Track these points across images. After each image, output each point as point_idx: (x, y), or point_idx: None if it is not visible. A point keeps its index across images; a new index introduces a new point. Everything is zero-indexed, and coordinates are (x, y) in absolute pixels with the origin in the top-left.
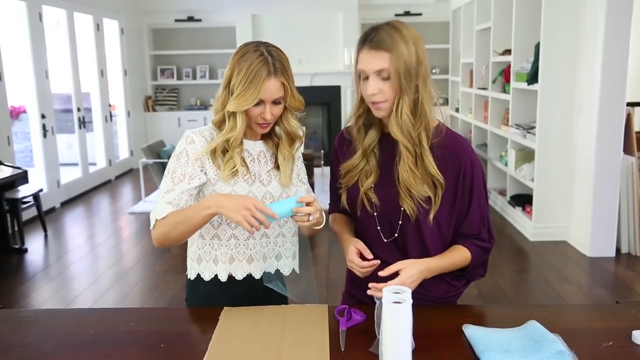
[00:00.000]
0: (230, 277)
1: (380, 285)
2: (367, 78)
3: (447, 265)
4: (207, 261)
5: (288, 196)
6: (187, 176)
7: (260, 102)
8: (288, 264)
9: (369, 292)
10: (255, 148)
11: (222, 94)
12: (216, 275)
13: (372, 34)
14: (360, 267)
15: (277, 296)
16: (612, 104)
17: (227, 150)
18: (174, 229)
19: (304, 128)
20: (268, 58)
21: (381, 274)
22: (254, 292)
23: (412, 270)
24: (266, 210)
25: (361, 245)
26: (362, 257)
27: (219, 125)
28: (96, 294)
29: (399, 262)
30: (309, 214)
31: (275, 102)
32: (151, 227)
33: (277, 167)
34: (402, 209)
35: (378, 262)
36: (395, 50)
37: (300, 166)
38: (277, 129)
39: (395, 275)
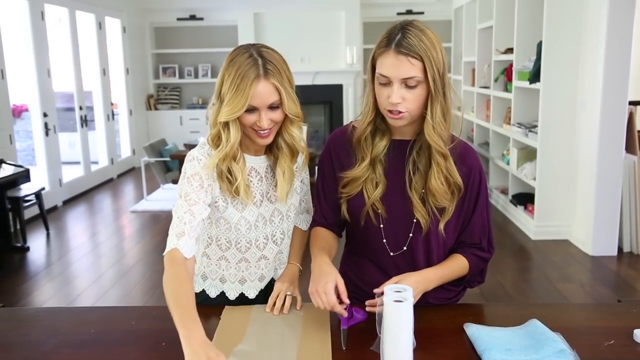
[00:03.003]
0: (240, 295)
1: (374, 301)
2: (388, 84)
3: (446, 275)
4: (214, 279)
5: (295, 207)
6: (200, 201)
7: (254, 109)
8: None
9: (367, 309)
10: (262, 163)
11: (216, 105)
12: (223, 292)
13: (399, 36)
14: (328, 304)
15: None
16: (615, 103)
17: (231, 177)
18: (166, 300)
19: (304, 138)
20: (258, 60)
21: (376, 291)
22: (254, 303)
23: (406, 282)
24: None
25: (342, 287)
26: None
27: (215, 141)
28: (98, 293)
29: (393, 278)
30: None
31: (272, 107)
32: (165, 252)
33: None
34: (415, 220)
35: (346, 313)
36: (428, 57)
37: (305, 190)
38: (278, 140)
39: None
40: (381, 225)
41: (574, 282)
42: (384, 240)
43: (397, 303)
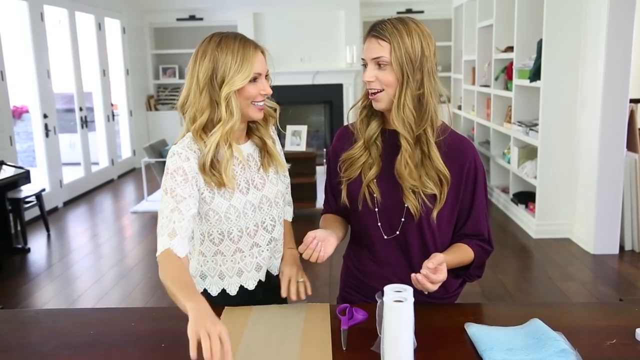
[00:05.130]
0: (240, 288)
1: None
2: (365, 66)
3: (456, 263)
4: (213, 277)
5: (282, 194)
6: (186, 196)
7: (255, 79)
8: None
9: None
10: (243, 152)
11: (202, 94)
12: (224, 290)
13: (378, 25)
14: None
15: (277, 296)
16: (615, 101)
17: (215, 166)
18: (168, 290)
19: (304, 139)
20: (244, 36)
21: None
22: (253, 295)
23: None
24: (226, 346)
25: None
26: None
27: (203, 130)
28: (99, 294)
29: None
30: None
31: (265, 77)
32: (158, 253)
33: (264, 163)
34: (406, 206)
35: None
36: (396, 40)
37: (287, 182)
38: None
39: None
40: (376, 209)
41: (575, 281)
42: (379, 224)
43: (397, 303)
